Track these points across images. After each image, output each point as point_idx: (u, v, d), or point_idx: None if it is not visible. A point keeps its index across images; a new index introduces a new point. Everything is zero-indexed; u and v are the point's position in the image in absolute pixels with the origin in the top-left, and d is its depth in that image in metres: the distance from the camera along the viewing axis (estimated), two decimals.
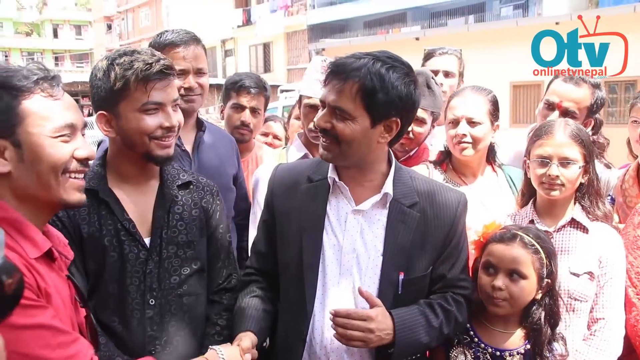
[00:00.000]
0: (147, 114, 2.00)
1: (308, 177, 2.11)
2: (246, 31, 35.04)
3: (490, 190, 2.74)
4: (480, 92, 2.73)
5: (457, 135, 2.64)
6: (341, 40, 24.48)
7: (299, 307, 2.03)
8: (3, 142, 1.47)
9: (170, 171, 2.21)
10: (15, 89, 1.47)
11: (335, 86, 1.90)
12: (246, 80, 3.47)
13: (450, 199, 2.09)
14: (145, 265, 2.06)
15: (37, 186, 1.51)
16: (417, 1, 25.85)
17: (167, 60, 2.02)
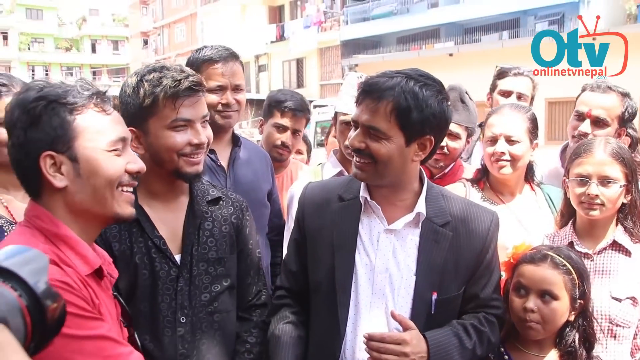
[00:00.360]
0: (176, 130, 1.99)
1: (339, 196, 2.09)
2: (280, 47, 35.27)
3: (528, 210, 2.68)
4: (519, 109, 2.69)
5: (496, 153, 2.59)
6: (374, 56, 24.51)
7: (331, 328, 1.99)
8: (60, 157, 1.49)
9: (200, 187, 2.19)
10: (70, 104, 1.50)
11: (368, 106, 1.89)
12: (291, 102, 3.44)
13: (482, 217, 2.06)
14: (176, 283, 2.04)
15: (92, 201, 1.53)
16: (451, 17, 25.75)
17: (195, 77, 2.01)
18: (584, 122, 3.00)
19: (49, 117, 1.48)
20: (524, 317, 2.10)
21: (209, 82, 2.61)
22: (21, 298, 0.80)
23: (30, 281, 0.82)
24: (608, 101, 2.99)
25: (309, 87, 32.95)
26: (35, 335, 0.81)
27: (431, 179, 2.93)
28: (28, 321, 0.80)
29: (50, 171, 1.49)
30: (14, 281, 0.81)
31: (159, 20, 51.36)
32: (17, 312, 0.78)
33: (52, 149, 1.48)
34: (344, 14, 31.89)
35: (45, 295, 0.82)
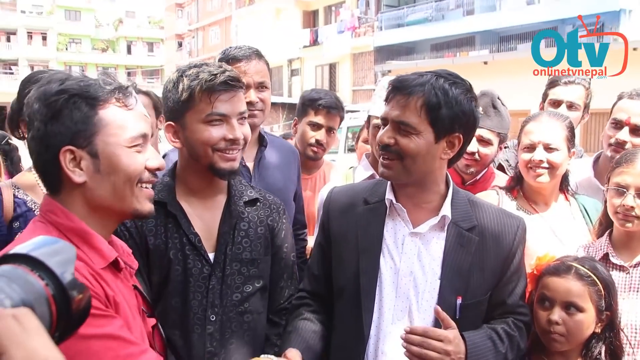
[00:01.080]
0: (211, 125, 2.00)
1: (364, 200, 2.10)
2: (313, 51, 35.35)
3: (562, 220, 2.63)
4: (557, 117, 2.64)
5: (533, 160, 2.55)
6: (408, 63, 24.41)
7: (355, 331, 1.99)
8: (80, 152, 1.47)
9: (238, 187, 2.20)
10: (92, 98, 1.47)
11: (399, 102, 1.91)
12: (326, 99, 3.45)
13: (509, 223, 2.04)
14: (208, 281, 2.05)
15: (111, 196, 1.52)
16: (487, 25, 25.52)
17: (233, 72, 2.02)
18: (622, 130, 2.94)
19: (70, 111, 1.46)
20: (549, 329, 2.07)
21: None
22: (48, 287, 0.81)
23: (57, 271, 0.83)
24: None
25: (341, 92, 32.94)
26: (60, 325, 0.82)
27: (462, 186, 2.92)
28: (54, 310, 0.81)
29: (70, 166, 1.48)
30: (42, 270, 0.82)
31: (193, 23, 51.86)
32: (44, 300, 0.80)
33: (73, 144, 1.47)
34: (378, 20, 31.84)
35: (71, 285, 0.84)
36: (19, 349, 0.68)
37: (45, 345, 0.72)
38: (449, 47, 27.71)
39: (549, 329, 2.07)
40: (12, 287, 0.77)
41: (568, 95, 3.49)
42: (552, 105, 3.50)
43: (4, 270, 0.79)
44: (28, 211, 2.50)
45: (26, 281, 0.79)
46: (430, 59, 26.31)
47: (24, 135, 2.49)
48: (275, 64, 37.26)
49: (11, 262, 0.82)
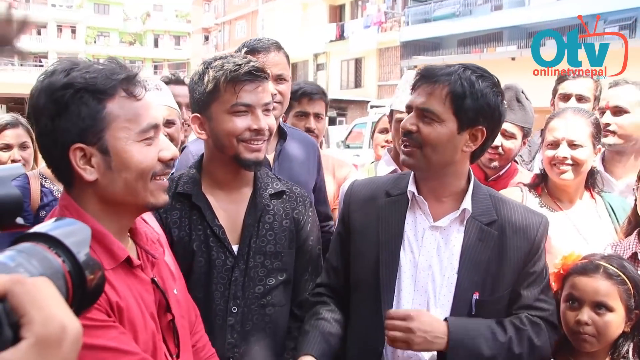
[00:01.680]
0: (236, 115, 2.01)
1: (386, 192, 2.09)
2: (339, 46, 35.30)
3: (587, 218, 2.58)
4: (582, 114, 2.60)
5: (557, 157, 2.51)
6: (434, 58, 24.25)
7: (374, 325, 1.98)
8: (90, 149, 1.41)
9: (264, 179, 2.21)
10: (99, 92, 1.39)
11: (424, 89, 1.91)
12: (306, 87, 3.48)
13: (531, 220, 2.01)
14: (231, 273, 2.06)
15: (124, 192, 1.46)
16: (515, 20, 25.24)
17: (257, 63, 2.03)
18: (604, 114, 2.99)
19: (77, 106, 1.38)
20: (578, 329, 2.03)
21: None
22: (64, 264, 0.84)
23: (74, 250, 0.86)
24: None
25: (366, 87, 32.89)
26: (75, 300, 0.85)
27: (485, 181, 2.92)
28: (69, 286, 0.84)
29: (80, 164, 1.42)
30: (59, 248, 0.85)
31: (220, 17, 52.12)
32: (60, 276, 0.83)
33: (82, 141, 1.40)
34: (404, 15, 31.69)
35: (86, 263, 0.87)
36: (38, 311, 0.70)
37: (63, 311, 0.74)
38: (476, 42, 27.45)
39: (578, 329, 2.03)
40: (32, 262, 0.80)
41: (577, 88, 3.49)
42: (562, 99, 3.50)
43: (23, 247, 0.82)
44: (54, 200, 2.53)
45: (44, 257, 0.82)
46: (457, 54, 26.10)
47: None
48: (300, 58, 37.29)
49: (30, 240, 0.85)
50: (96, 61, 1.48)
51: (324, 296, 2.18)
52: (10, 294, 0.70)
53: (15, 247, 0.82)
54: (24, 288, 0.70)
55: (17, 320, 0.69)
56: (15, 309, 0.69)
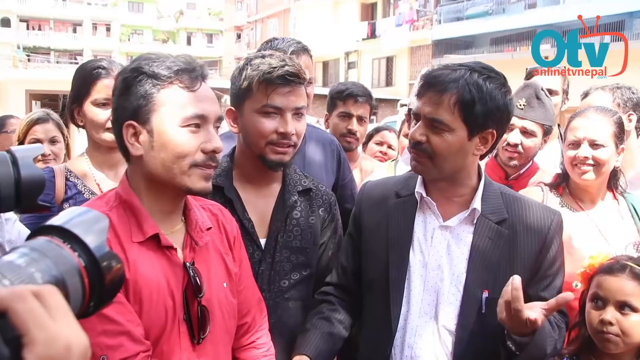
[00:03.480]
0: (265, 116, 2.03)
1: (396, 193, 2.09)
2: (370, 44, 35.19)
3: (609, 219, 2.54)
4: (604, 113, 2.54)
5: (578, 157, 2.46)
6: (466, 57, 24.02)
7: (383, 324, 1.99)
8: (140, 127, 1.56)
9: (293, 176, 2.24)
10: (156, 77, 1.55)
11: (431, 98, 1.86)
12: (353, 89, 3.47)
13: (543, 217, 1.98)
14: (258, 266, 2.10)
15: (162, 172, 1.58)
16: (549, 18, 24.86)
17: (293, 68, 2.03)
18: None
19: (136, 87, 1.56)
20: (602, 329, 2.00)
21: None
22: (80, 259, 0.82)
23: (90, 242, 0.84)
24: None
25: (397, 85, 32.75)
26: (93, 295, 0.83)
27: (505, 181, 2.89)
28: (86, 281, 0.82)
29: (130, 140, 1.58)
30: (74, 242, 0.83)
31: (252, 15, 52.31)
32: (76, 272, 0.80)
33: (134, 119, 1.56)
34: (437, 13, 31.50)
35: (104, 256, 0.84)
36: (41, 330, 0.67)
37: (68, 326, 0.71)
38: (509, 41, 27.14)
39: (602, 329, 2.00)
40: (45, 261, 0.77)
41: (545, 82, 3.41)
42: None
43: (37, 243, 0.80)
44: (78, 193, 2.60)
45: (58, 254, 0.80)
46: (489, 53, 25.84)
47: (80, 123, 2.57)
48: (332, 56, 37.28)
49: (46, 234, 0.83)
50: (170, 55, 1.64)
51: (330, 295, 2.19)
52: (11, 311, 0.67)
53: (29, 243, 0.80)
54: (26, 305, 0.67)
55: (18, 336, 0.66)
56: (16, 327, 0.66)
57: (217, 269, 1.74)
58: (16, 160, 1.09)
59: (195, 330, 1.63)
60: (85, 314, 0.84)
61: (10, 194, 1.08)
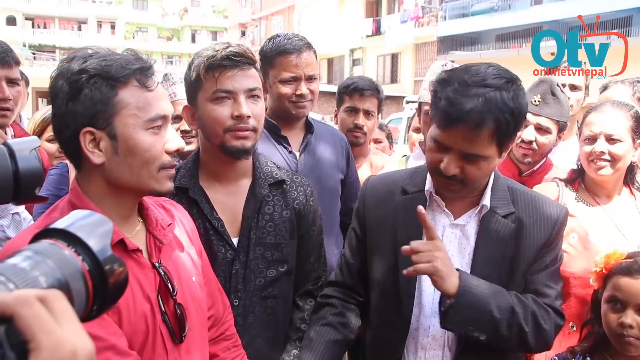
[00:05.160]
0: (218, 103, 1.97)
1: (403, 189, 2.01)
2: (375, 41, 35.16)
3: (626, 214, 2.51)
4: (621, 107, 2.51)
5: (594, 152, 2.43)
6: (471, 53, 24.00)
7: (394, 327, 1.95)
8: (100, 133, 1.45)
9: (264, 169, 2.17)
10: (112, 79, 1.44)
11: (467, 135, 1.71)
12: (359, 83, 3.44)
13: (550, 211, 1.95)
14: (231, 266, 2.05)
15: (129, 177, 1.50)
16: (555, 14, 24.78)
17: (237, 48, 1.97)
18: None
19: (90, 91, 1.42)
20: (621, 332, 1.98)
21: (282, 74, 2.66)
22: (84, 262, 0.81)
23: (93, 246, 0.83)
24: None
25: (402, 82, 32.71)
26: (97, 298, 0.82)
27: (519, 177, 2.86)
28: (90, 285, 0.81)
29: (89, 147, 1.46)
30: (78, 246, 0.82)
31: (257, 12, 52.37)
32: (79, 275, 0.80)
33: (92, 125, 1.44)
34: (442, 10, 31.42)
35: (107, 260, 0.84)
36: (47, 336, 0.66)
37: (74, 331, 0.70)
38: (515, 37, 27.05)
39: (622, 332, 1.98)
40: (48, 264, 0.77)
41: (569, 78, 3.43)
42: None
43: (41, 247, 0.80)
44: None
45: (62, 257, 0.79)
46: (495, 49, 25.77)
47: None
48: (337, 53, 37.25)
49: (49, 237, 0.83)
50: (114, 51, 1.51)
51: (332, 298, 2.12)
52: (17, 317, 0.66)
53: (32, 246, 0.80)
54: (32, 311, 0.67)
55: (24, 342, 0.65)
56: (22, 332, 0.66)
57: (184, 264, 1.70)
58: (13, 152, 1.12)
59: (176, 330, 1.59)
60: (89, 317, 0.84)
61: (8, 185, 1.11)
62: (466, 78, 1.72)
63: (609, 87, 3.22)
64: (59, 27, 61.00)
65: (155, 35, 66.72)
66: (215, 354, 1.87)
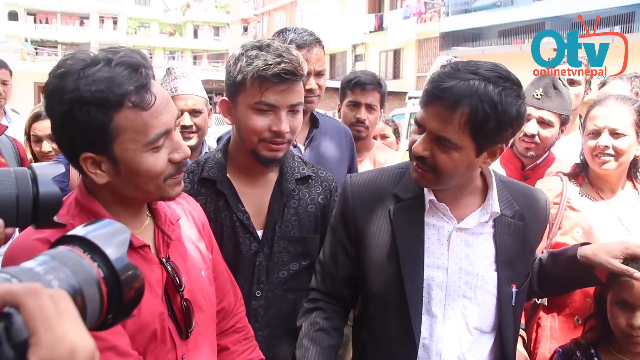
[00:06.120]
0: (259, 113, 1.96)
1: (395, 195, 1.92)
2: (377, 37, 35.08)
3: (630, 208, 2.51)
4: (624, 101, 2.50)
5: (598, 147, 2.43)
6: (473, 49, 23.94)
7: (403, 339, 1.88)
8: (99, 157, 1.43)
9: (291, 164, 2.19)
10: (105, 106, 1.36)
11: (440, 114, 1.67)
12: (361, 77, 3.45)
13: (539, 198, 2.00)
14: (255, 258, 2.07)
15: (135, 192, 1.50)
16: (558, 10, 24.70)
17: (289, 65, 1.93)
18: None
19: (85, 119, 1.36)
20: (631, 333, 1.98)
21: None
22: (99, 270, 0.82)
23: (110, 254, 0.84)
24: None
25: (405, 78, 32.66)
26: (111, 307, 0.83)
27: (521, 171, 2.88)
28: (104, 292, 0.82)
29: (91, 169, 1.44)
30: (94, 253, 0.83)
31: (259, 8, 52.30)
32: (94, 282, 0.80)
33: (91, 151, 1.41)
34: (444, 5, 31.34)
35: (123, 268, 0.84)
36: (48, 331, 0.67)
37: (74, 330, 0.70)
38: (517, 33, 26.95)
39: (632, 333, 1.98)
40: (64, 269, 0.78)
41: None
42: None
43: (58, 252, 0.81)
44: None
45: (78, 263, 0.80)
46: (498, 45, 25.70)
47: None
48: (339, 49, 37.16)
49: (67, 243, 0.84)
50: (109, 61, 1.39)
51: (319, 301, 2.05)
52: (23, 306, 0.66)
53: (50, 251, 0.81)
54: (38, 302, 0.67)
55: (26, 339, 0.66)
56: (26, 324, 0.66)
57: (193, 258, 1.70)
58: (36, 177, 1.15)
59: (182, 326, 1.58)
60: (104, 325, 0.84)
61: (27, 209, 1.13)
62: (461, 66, 1.70)
63: (608, 82, 3.22)
64: (61, 23, 60.94)
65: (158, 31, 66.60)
66: (225, 346, 1.87)
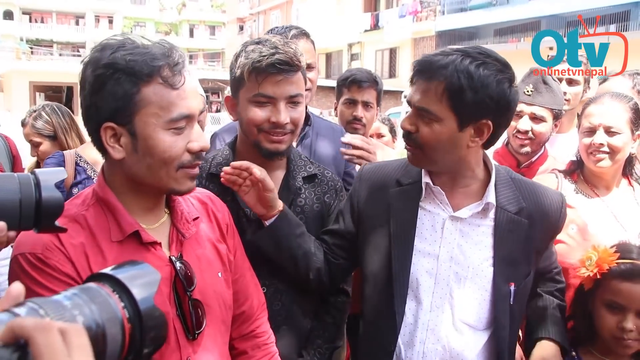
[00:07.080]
0: (257, 105, 1.99)
1: (397, 180, 1.99)
2: (373, 35, 35.08)
3: (625, 205, 2.52)
4: (620, 99, 2.52)
5: (593, 144, 2.45)
6: None
7: (387, 319, 1.91)
8: (120, 129, 1.44)
9: (298, 162, 2.21)
10: (136, 75, 1.40)
11: (421, 86, 1.78)
12: (357, 75, 3.44)
13: (553, 200, 1.96)
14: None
15: (147, 175, 1.49)
16: (554, 9, 24.73)
17: (284, 55, 1.96)
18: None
19: (113, 86, 1.40)
20: (620, 335, 1.99)
21: None
22: (125, 310, 0.84)
23: (137, 295, 0.86)
24: None
25: (400, 77, 32.65)
26: (132, 348, 0.84)
27: (517, 169, 2.86)
28: (127, 333, 0.83)
29: (110, 142, 1.45)
30: (122, 293, 0.85)
31: (255, 7, 52.29)
32: (118, 322, 0.82)
33: (113, 120, 1.43)
34: (440, 4, 31.36)
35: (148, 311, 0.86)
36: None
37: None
38: (513, 32, 27.01)
39: (621, 335, 1.99)
40: (90, 306, 0.79)
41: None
42: None
43: (87, 287, 0.83)
44: (87, 179, 2.62)
45: (105, 302, 0.82)
46: (493, 44, 25.72)
47: None
48: (335, 48, 37.16)
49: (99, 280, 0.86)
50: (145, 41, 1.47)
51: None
52: (32, 342, 0.66)
53: (81, 286, 0.83)
54: (47, 339, 0.67)
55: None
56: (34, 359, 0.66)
57: (210, 259, 1.68)
58: (39, 182, 1.18)
59: (190, 326, 1.56)
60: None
61: (30, 213, 1.17)
62: (449, 48, 1.77)
63: (609, 79, 3.23)
64: (57, 22, 60.82)
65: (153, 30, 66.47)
66: (244, 350, 1.86)
